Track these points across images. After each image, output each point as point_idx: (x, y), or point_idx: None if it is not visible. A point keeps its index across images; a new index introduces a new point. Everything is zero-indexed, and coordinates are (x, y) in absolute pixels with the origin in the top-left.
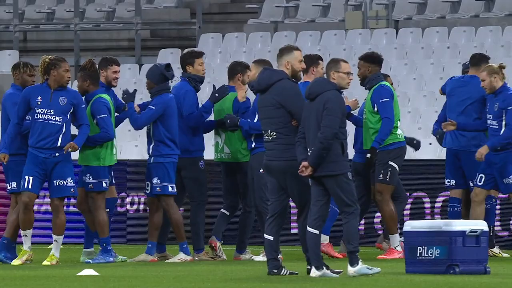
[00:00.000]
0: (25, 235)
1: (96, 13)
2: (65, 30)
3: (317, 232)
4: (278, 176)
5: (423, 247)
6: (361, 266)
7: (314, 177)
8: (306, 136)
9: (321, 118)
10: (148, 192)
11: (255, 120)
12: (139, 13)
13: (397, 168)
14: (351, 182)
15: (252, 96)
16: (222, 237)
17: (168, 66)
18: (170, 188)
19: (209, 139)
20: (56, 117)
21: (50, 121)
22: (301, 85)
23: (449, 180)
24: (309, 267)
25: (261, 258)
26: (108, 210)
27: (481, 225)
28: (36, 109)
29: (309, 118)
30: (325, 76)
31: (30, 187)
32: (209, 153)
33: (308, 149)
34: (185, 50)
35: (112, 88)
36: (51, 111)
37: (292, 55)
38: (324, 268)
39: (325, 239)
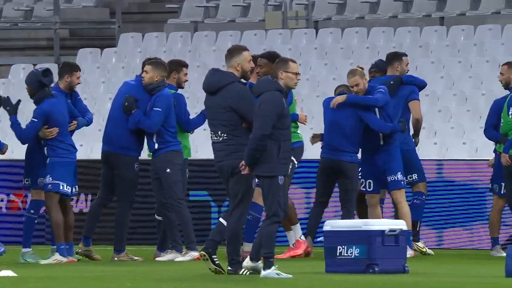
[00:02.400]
0: None
1: (14, 12)
2: None
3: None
4: (226, 176)
5: (343, 247)
6: (271, 271)
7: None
8: None
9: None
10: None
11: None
12: (57, 12)
13: (296, 164)
14: (279, 187)
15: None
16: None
17: (45, 72)
18: (61, 187)
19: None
20: None
21: None
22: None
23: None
24: (230, 268)
25: (181, 258)
26: (32, 211)
27: (400, 224)
28: None
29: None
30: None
31: None
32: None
33: None
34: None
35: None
36: None
37: (242, 56)
38: (259, 262)
39: (248, 246)
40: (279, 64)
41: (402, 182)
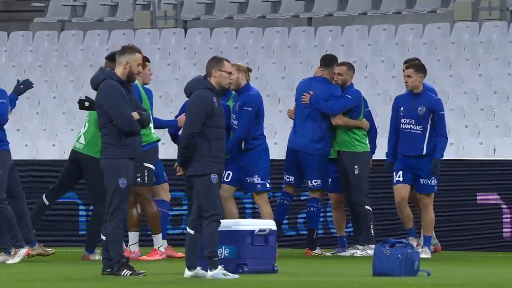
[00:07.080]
0: None
1: None
2: None
3: (192, 232)
4: None
5: None
6: (217, 271)
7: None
8: None
9: None
10: None
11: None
12: None
13: (153, 168)
14: (213, 186)
15: None
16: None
17: None
18: None
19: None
20: None
21: None
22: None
23: (288, 177)
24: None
25: (12, 260)
26: None
27: (269, 224)
28: None
29: None
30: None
31: None
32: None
33: None
34: None
35: None
36: None
37: (133, 56)
38: (198, 268)
39: (163, 243)
40: (213, 63)
41: (259, 186)
